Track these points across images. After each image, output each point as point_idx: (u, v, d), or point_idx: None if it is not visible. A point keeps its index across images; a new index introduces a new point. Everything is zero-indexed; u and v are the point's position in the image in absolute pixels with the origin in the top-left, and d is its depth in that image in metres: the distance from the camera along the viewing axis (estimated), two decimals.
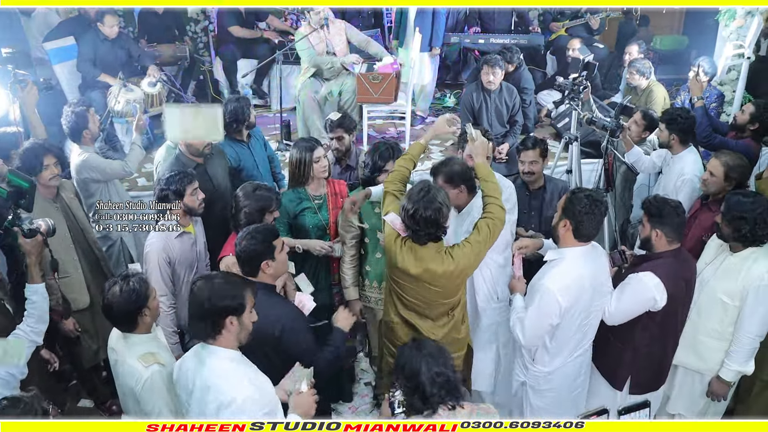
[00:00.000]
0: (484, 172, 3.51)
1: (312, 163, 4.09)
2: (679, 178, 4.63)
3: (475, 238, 3.29)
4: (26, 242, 3.16)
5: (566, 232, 3.28)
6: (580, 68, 5.24)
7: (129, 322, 2.99)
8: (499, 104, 6.11)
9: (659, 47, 8.03)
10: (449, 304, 3.44)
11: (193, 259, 3.99)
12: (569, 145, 5.24)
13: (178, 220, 3.80)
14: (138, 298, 2.95)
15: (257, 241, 3.14)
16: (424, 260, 3.25)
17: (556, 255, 3.33)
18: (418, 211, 3.12)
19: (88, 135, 4.53)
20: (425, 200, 3.12)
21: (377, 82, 6.23)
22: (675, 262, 3.45)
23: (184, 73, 7.64)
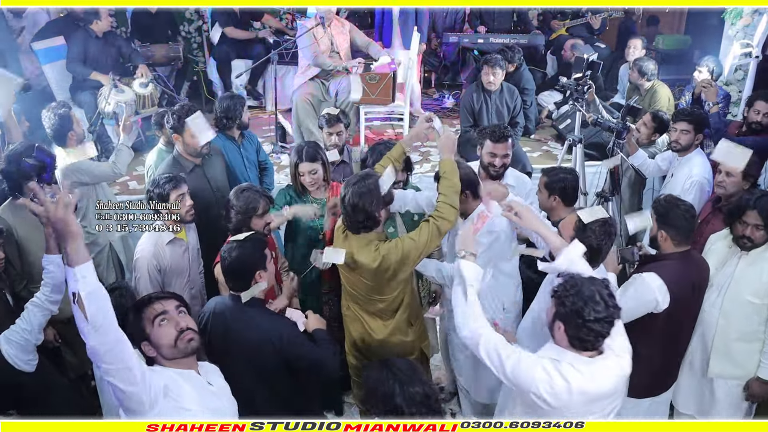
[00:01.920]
0: (447, 168, 3.28)
1: (297, 175, 4.04)
2: (687, 180, 4.50)
3: (412, 236, 3.15)
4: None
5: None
6: (584, 67, 5.08)
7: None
8: (500, 105, 5.97)
9: (662, 47, 7.89)
10: (386, 302, 3.31)
11: (184, 267, 3.86)
12: (573, 148, 5.11)
13: (169, 227, 3.65)
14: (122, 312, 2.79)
15: (249, 251, 3.02)
16: (352, 249, 3.18)
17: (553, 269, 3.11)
18: (346, 197, 3.10)
19: (74, 137, 4.40)
20: (357, 186, 3.08)
21: (374, 83, 6.09)
22: (681, 265, 3.32)
23: (178, 74, 7.52)
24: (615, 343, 2.56)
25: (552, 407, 2.49)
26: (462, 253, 2.94)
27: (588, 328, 2.44)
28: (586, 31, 7.98)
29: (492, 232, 3.51)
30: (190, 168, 4.20)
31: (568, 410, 2.49)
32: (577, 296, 2.46)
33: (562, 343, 2.55)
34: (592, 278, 2.56)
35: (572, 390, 2.45)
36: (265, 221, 3.64)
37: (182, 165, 4.19)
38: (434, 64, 8.21)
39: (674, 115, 4.78)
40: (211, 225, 4.10)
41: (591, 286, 2.47)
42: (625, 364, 2.56)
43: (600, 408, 2.55)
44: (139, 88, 6.20)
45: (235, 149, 4.75)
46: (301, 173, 4.01)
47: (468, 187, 3.47)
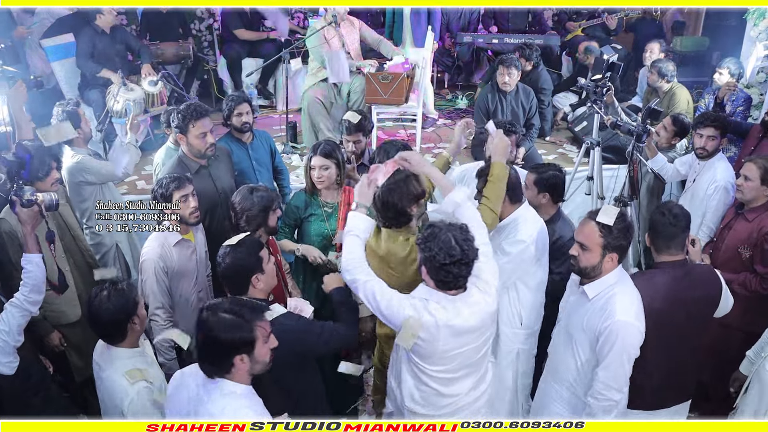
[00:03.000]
0: (496, 173, 3.29)
1: (309, 168, 3.96)
2: (711, 185, 4.40)
3: None
4: (22, 211, 3.09)
5: (613, 264, 2.94)
6: (604, 69, 4.96)
7: (117, 333, 2.86)
8: (515, 106, 5.86)
9: (680, 48, 7.75)
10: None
11: (192, 269, 3.76)
12: (590, 151, 4.99)
13: (172, 227, 3.56)
14: (127, 305, 2.83)
15: (243, 255, 2.91)
16: (387, 240, 3.18)
17: (601, 287, 2.94)
18: (377, 193, 3.08)
19: (80, 135, 4.31)
20: (388, 182, 3.06)
21: (387, 82, 5.98)
22: (670, 278, 3.10)
23: (188, 72, 7.43)
24: (481, 281, 2.80)
25: (423, 340, 2.71)
26: (355, 204, 3.11)
27: (446, 271, 2.66)
28: (602, 32, 7.86)
29: (521, 241, 3.41)
30: (195, 169, 4.10)
31: (438, 342, 2.73)
32: (434, 242, 2.65)
33: (429, 284, 2.78)
34: (451, 225, 2.72)
35: (438, 324, 2.70)
36: (277, 215, 3.60)
37: (187, 165, 4.10)
38: (448, 64, 8.09)
39: (699, 121, 4.64)
40: (216, 226, 4.07)
41: (448, 232, 2.66)
42: (490, 300, 2.80)
43: (470, 341, 2.79)
44: (148, 87, 6.11)
45: (242, 150, 4.64)
46: (312, 167, 3.92)
47: (508, 191, 3.39)
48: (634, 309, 2.88)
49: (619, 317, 2.82)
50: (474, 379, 2.94)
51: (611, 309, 2.85)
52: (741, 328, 3.82)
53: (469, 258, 2.67)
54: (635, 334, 2.86)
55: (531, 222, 3.49)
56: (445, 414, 2.91)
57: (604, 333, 2.85)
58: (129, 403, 2.72)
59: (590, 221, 2.90)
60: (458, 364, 2.85)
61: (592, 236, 2.88)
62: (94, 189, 4.40)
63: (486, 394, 3.05)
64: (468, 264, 2.69)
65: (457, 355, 2.81)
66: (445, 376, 2.85)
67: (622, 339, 2.82)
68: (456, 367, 2.85)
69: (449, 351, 2.78)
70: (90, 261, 4.10)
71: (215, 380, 2.42)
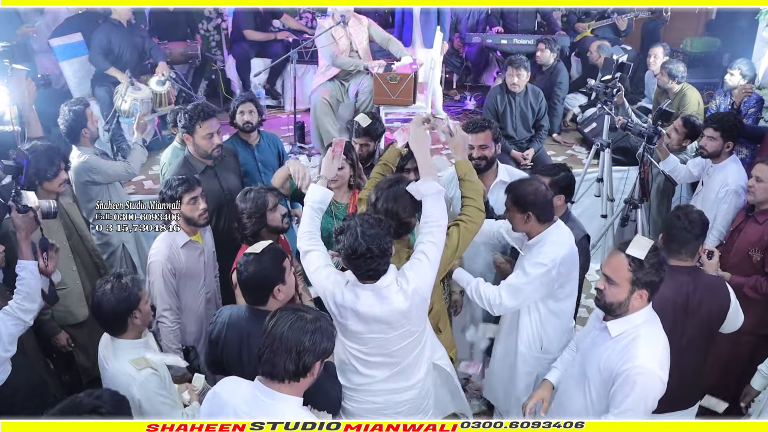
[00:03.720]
0: (464, 170, 3.22)
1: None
2: (722, 188, 4.35)
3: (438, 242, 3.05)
4: (17, 217, 3.06)
5: (642, 302, 2.67)
6: (614, 69, 4.92)
7: (119, 325, 2.86)
8: (524, 107, 5.82)
9: (689, 49, 7.68)
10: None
11: (200, 270, 3.75)
12: (600, 152, 4.95)
13: (181, 228, 3.55)
14: (129, 299, 2.82)
15: (266, 265, 2.85)
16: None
17: (626, 326, 2.69)
18: (379, 202, 3.01)
19: (87, 135, 4.32)
20: (391, 191, 3.01)
21: (395, 83, 5.94)
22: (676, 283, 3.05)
23: (195, 72, 7.42)
24: (404, 278, 2.81)
25: (336, 317, 2.86)
26: (317, 178, 3.24)
27: (352, 263, 2.75)
28: (612, 33, 7.80)
29: (541, 264, 3.27)
30: (201, 169, 4.08)
31: (348, 322, 2.84)
32: (343, 235, 2.74)
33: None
34: (365, 218, 2.77)
35: (346, 306, 2.81)
36: (280, 213, 3.56)
37: (193, 166, 4.07)
38: (456, 65, 8.06)
39: (704, 121, 4.62)
40: (222, 227, 4.06)
41: (358, 227, 2.71)
42: (401, 299, 2.78)
43: (380, 330, 2.83)
44: (156, 86, 6.10)
45: (247, 151, 4.62)
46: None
47: (533, 207, 3.26)
48: (659, 356, 2.63)
49: (640, 362, 2.58)
50: (392, 371, 2.95)
51: (633, 352, 2.61)
52: (753, 332, 3.77)
53: (373, 253, 2.68)
54: (656, 384, 2.60)
55: (557, 245, 3.29)
56: (362, 393, 2.98)
57: (620, 377, 2.61)
58: (138, 387, 2.72)
59: (619, 253, 2.66)
60: (372, 349, 2.90)
61: (620, 270, 2.63)
62: (101, 189, 4.39)
63: (410, 394, 3.02)
64: (373, 258, 2.70)
65: (369, 340, 2.87)
66: (360, 356, 2.93)
67: (641, 388, 2.58)
68: (370, 350, 2.90)
69: (360, 333, 2.86)
70: (97, 261, 4.09)
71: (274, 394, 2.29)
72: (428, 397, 3.15)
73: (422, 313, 2.96)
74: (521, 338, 3.51)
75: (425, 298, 2.91)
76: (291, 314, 2.29)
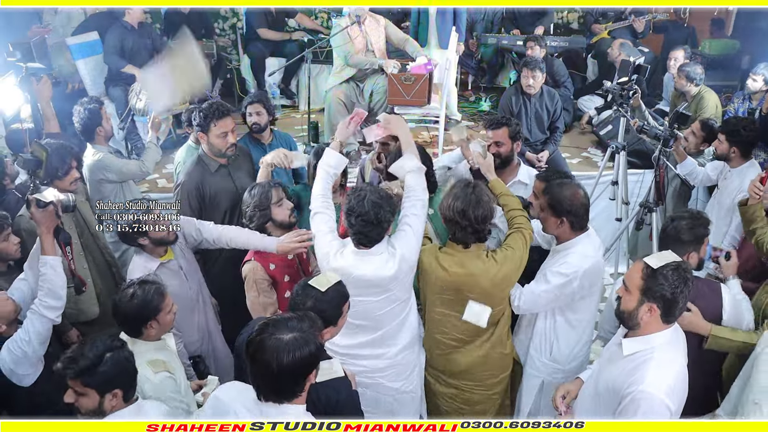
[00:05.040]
0: (498, 189, 3.49)
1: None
2: (739, 193, 4.25)
3: (512, 245, 3.26)
4: (37, 212, 3.02)
5: (652, 317, 2.55)
6: (630, 71, 4.86)
7: (134, 330, 2.86)
8: (540, 109, 5.77)
9: (708, 52, 7.59)
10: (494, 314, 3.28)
11: (182, 287, 3.59)
12: (615, 155, 4.90)
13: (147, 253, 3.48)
14: (147, 308, 2.81)
15: (328, 305, 2.71)
16: (464, 264, 3.19)
17: (640, 346, 2.58)
18: (469, 209, 3.09)
19: (102, 133, 4.33)
20: (474, 197, 3.11)
21: (409, 83, 5.92)
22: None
23: (210, 72, 7.40)
24: (392, 248, 3.11)
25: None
26: (331, 140, 3.49)
27: (348, 221, 3.05)
28: (629, 35, 7.72)
29: (563, 274, 3.25)
30: (215, 168, 4.08)
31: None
32: (352, 197, 3.05)
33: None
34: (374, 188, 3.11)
35: (339, 269, 3.03)
36: (287, 208, 3.62)
37: (207, 165, 4.08)
38: (471, 66, 8.02)
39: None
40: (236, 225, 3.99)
41: (369, 194, 3.01)
42: (390, 265, 3.07)
43: (367, 294, 3.10)
44: None
45: (259, 151, 4.59)
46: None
47: (568, 215, 3.24)
48: (668, 383, 2.49)
49: (645, 387, 2.47)
50: (372, 336, 3.23)
51: (641, 375, 2.50)
52: None
53: (369, 218, 2.97)
54: (661, 411, 2.48)
55: (583, 257, 3.26)
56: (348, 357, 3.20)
57: (626, 399, 2.52)
58: (153, 389, 2.71)
59: (640, 261, 2.61)
60: (358, 313, 3.09)
61: (634, 276, 2.58)
62: (114, 187, 4.40)
63: (392, 361, 3.28)
64: (368, 223, 2.99)
65: (356, 303, 3.00)
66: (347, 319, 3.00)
67: (644, 413, 2.48)
68: (356, 314, 3.06)
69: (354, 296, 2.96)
70: (109, 259, 4.10)
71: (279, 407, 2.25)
72: (412, 368, 3.38)
73: (408, 281, 3.23)
74: (533, 342, 3.51)
75: (411, 266, 3.18)
76: (267, 339, 2.18)
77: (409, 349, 3.34)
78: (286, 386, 2.22)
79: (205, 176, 4.08)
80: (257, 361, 2.18)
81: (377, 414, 3.30)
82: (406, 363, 3.35)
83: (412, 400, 3.48)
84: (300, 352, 2.16)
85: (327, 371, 2.63)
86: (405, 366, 3.35)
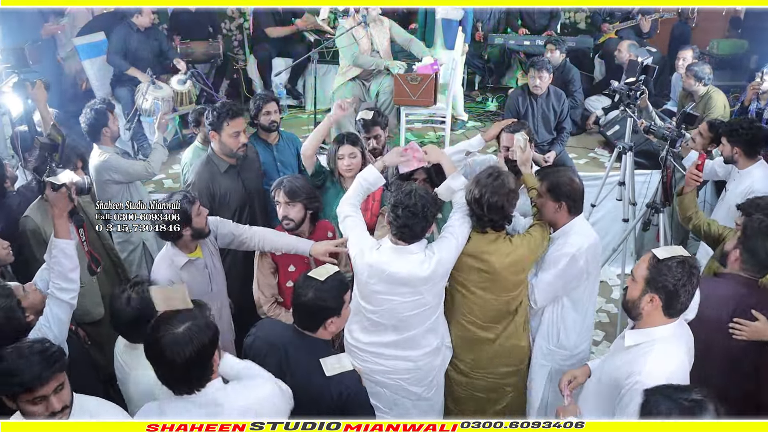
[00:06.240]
0: (531, 183, 3.52)
1: (336, 158, 4.09)
2: (748, 195, 4.19)
3: (533, 233, 3.34)
4: (51, 194, 2.99)
5: (654, 309, 2.57)
6: (638, 72, 4.82)
7: (135, 335, 2.80)
8: (546, 110, 5.75)
9: (716, 52, 7.55)
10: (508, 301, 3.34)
11: (206, 286, 3.58)
12: (622, 155, 4.88)
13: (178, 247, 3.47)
14: (149, 307, 2.67)
15: (326, 296, 2.70)
16: (478, 244, 3.25)
17: (642, 338, 2.61)
18: (484, 196, 3.13)
19: (108, 133, 4.34)
20: (494, 186, 3.13)
21: (415, 84, 5.91)
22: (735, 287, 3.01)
23: (217, 72, 7.42)
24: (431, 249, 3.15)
25: (361, 277, 3.21)
26: (380, 162, 3.57)
27: (393, 213, 3.06)
28: (636, 35, 7.68)
29: (567, 254, 3.31)
30: (224, 168, 4.09)
31: (371, 281, 3.16)
32: (401, 188, 3.14)
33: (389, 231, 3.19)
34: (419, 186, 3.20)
35: (374, 265, 3.13)
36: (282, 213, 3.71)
37: (216, 165, 4.08)
38: (478, 66, 7.99)
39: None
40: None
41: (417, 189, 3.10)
42: (425, 266, 3.10)
43: (399, 293, 3.15)
44: (177, 85, 6.12)
45: (267, 151, 4.62)
46: (341, 156, 4.04)
47: (567, 199, 3.34)
48: (666, 376, 2.44)
49: (642, 378, 2.47)
50: (398, 337, 3.26)
51: (640, 366, 2.52)
52: None
53: (416, 210, 3.01)
54: None
55: (582, 235, 3.35)
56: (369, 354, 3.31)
57: (624, 389, 2.54)
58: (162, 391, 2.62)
59: (649, 252, 2.65)
60: (386, 312, 3.19)
61: (641, 266, 2.62)
62: (120, 188, 4.41)
63: (414, 365, 3.31)
64: (413, 215, 3.01)
65: (384, 301, 3.17)
66: (373, 318, 3.24)
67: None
68: (383, 312, 3.19)
69: (379, 294, 3.17)
70: (114, 260, 4.11)
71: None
72: (433, 375, 3.40)
73: (440, 287, 3.25)
74: (541, 330, 3.54)
75: (445, 272, 3.20)
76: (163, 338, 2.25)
77: (433, 355, 3.36)
78: (194, 375, 2.30)
79: (215, 176, 4.08)
80: (161, 360, 2.27)
81: (391, 415, 3.31)
82: (428, 369, 3.38)
83: (431, 409, 3.48)
84: (198, 339, 2.25)
85: (336, 366, 2.67)
86: (427, 372, 3.38)
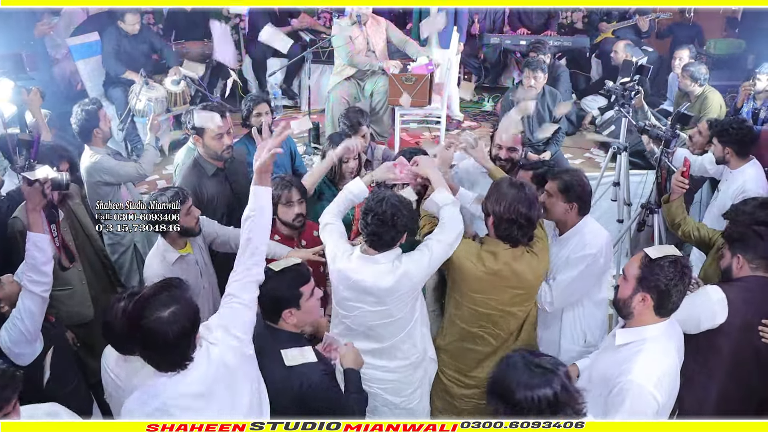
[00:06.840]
0: (499, 176, 3.57)
1: (340, 161, 4.12)
2: (740, 194, 4.17)
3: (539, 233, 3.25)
4: (26, 188, 3.02)
5: (645, 308, 2.59)
6: (633, 72, 4.80)
7: (128, 345, 2.71)
8: (541, 110, 5.73)
9: (713, 51, 7.54)
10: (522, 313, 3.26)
11: (197, 281, 3.59)
12: (617, 156, 4.85)
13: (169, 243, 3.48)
14: None
15: (279, 286, 2.75)
16: (509, 261, 3.10)
17: (632, 337, 2.63)
18: (531, 211, 3.04)
19: (99, 134, 4.30)
20: (526, 198, 3.03)
21: (410, 84, 5.89)
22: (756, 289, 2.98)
23: (212, 72, 7.39)
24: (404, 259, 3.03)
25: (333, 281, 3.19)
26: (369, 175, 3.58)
27: (363, 220, 2.99)
28: (633, 34, 7.66)
29: (588, 255, 3.30)
30: (211, 171, 4.03)
31: (339, 287, 3.12)
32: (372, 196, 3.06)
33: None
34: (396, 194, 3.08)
35: (342, 270, 3.08)
36: (294, 212, 3.71)
37: (204, 168, 4.03)
38: (474, 66, 7.97)
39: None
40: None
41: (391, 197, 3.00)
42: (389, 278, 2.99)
43: (365, 301, 3.08)
44: (171, 86, 6.10)
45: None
46: (345, 159, 4.11)
47: (578, 200, 3.35)
48: (657, 375, 2.50)
49: (633, 377, 2.49)
50: (374, 346, 3.19)
51: (630, 366, 2.53)
52: None
53: (385, 218, 2.92)
54: (648, 403, 2.48)
55: (597, 234, 3.37)
56: None
57: (614, 389, 2.54)
58: None
59: (641, 252, 2.67)
60: (356, 319, 3.16)
61: (632, 265, 2.64)
62: (112, 189, 4.36)
63: (392, 376, 3.26)
64: (382, 223, 2.93)
65: (353, 308, 3.13)
66: (347, 323, 3.21)
67: (631, 403, 2.48)
68: (354, 320, 3.16)
69: (347, 300, 3.13)
70: (105, 261, 4.08)
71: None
72: (414, 387, 3.34)
73: (407, 300, 3.11)
74: (564, 334, 3.51)
75: (413, 286, 3.08)
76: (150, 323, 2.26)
77: (412, 368, 3.30)
78: (181, 353, 2.35)
79: (202, 179, 4.02)
80: (149, 343, 2.30)
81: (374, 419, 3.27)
82: (408, 381, 3.32)
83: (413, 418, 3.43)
84: (182, 321, 2.29)
85: (297, 357, 2.71)
86: (407, 384, 3.32)
